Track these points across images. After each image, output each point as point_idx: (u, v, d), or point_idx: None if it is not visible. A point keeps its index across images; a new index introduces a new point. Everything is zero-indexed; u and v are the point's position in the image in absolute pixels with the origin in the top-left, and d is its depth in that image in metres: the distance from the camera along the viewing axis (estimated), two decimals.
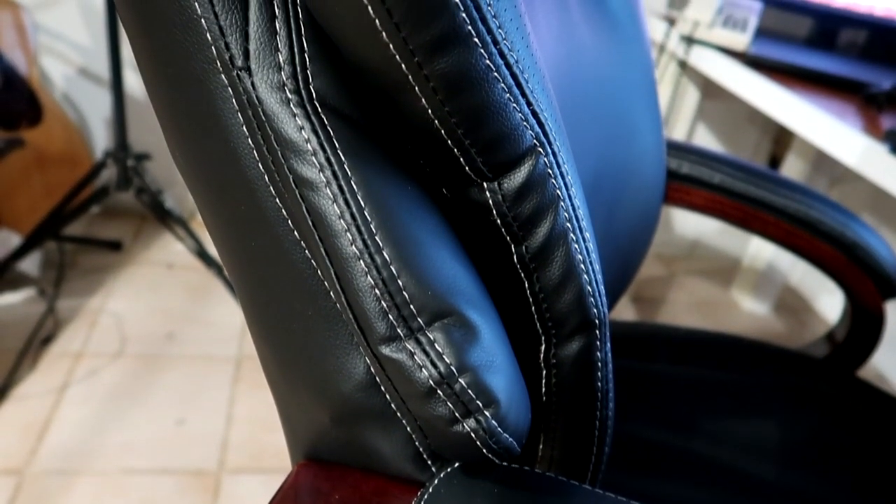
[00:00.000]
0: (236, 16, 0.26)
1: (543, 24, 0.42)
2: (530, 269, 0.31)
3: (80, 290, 1.37)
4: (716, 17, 1.21)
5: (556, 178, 0.30)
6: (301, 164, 0.27)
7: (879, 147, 0.83)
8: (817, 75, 1.10)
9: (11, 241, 1.32)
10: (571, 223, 0.31)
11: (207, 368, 1.23)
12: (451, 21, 0.24)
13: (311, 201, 0.27)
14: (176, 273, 1.47)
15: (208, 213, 0.31)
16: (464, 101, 0.26)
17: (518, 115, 0.28)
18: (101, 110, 1.52)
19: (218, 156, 0.29)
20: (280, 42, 0.26)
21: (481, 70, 0.26)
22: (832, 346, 0.74)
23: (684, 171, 0.71)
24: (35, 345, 1.21)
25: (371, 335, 0.28)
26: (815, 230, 0.69)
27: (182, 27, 0.26)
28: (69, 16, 1.41)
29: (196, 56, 0.27)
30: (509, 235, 0.31)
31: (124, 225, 1.60)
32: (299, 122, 0.26)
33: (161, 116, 0.31)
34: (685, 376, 0.69)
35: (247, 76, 0.26)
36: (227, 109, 0.27)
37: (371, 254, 0.27)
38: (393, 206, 0.27)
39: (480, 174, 0.29)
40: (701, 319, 1.64)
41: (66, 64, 1.45)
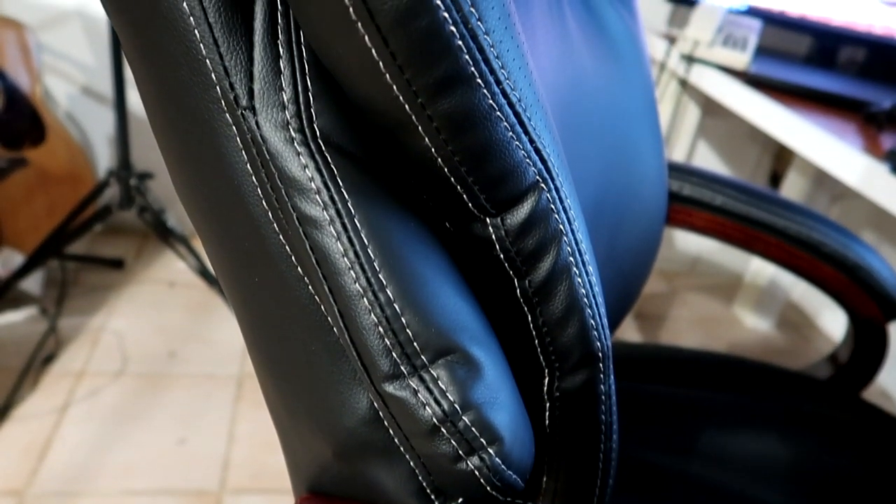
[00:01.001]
0: (241, 56, 0.26)
1: (545, 52, 0.43)
2: (533, 303, 0.31)
3: (82, 309, 1.37)
4: (716, 36, 1.21)
5: (559, 213, 0.30)
6: (305, 202, 0.27)
7: (880, 167, 0.83)
8: (817, 94, 1.10)
9: (14, 260, 1.33)
10: (574, 257, 0.31)
11: (209, 387, 1.22)
12: (455, 63, 0.24)
13: (315, 239, 0.27)
14: (178, 291, 1.47)
15: (211, 247, 0.31)
16: (467, 140, 0.26)
17: (521, 152, 0.28)
18: (104, 129, 1.52)
19: (222, 192, 0.29)
20: (284, 81, 0.27)
21: (484, 110, 0.26)
22: (835, 367, 0.74)
23: (686, 192, 0.71)
24: (36, 364, 1.21)
25: (375, 372, 0.28)
26: (817, 252, 0.69)
27: (187, 67, 0.27)
28: (73, 35, 1.42)
29: (200, 95, 0.27)
30: (512, 270, 0.31)
31: (126, 243, 1.61)
32: (303, 160, 0.27)
33: (164, 150, 0.31)
34: (687, 398, 0.68)
35: (251, 115, 0.27)
36: (232, 148, 0.27)
37: (375, 291, 0.27)
38: (396, 243, 0.27)
39: (483, 210, 0.29)
40: (703, 336, 1.64)
41: (70, 83, 1.46)
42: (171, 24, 0.26)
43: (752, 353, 1.60)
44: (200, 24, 0.25)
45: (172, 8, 0.25)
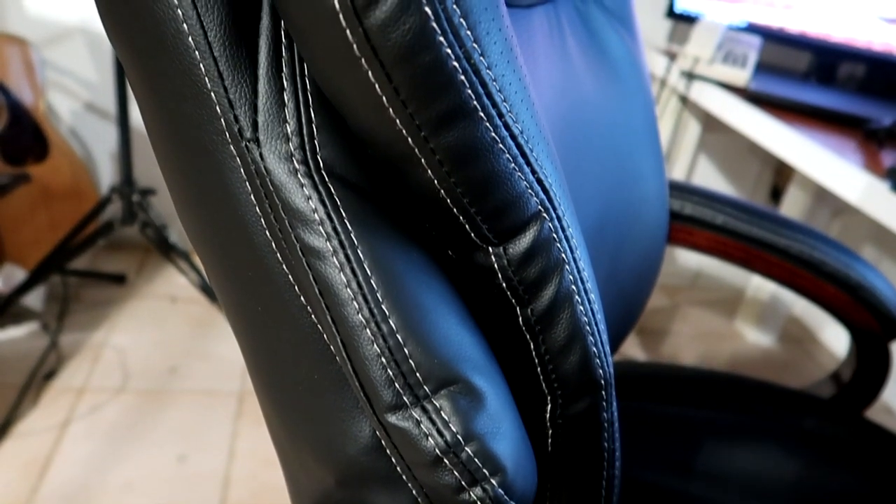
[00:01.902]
0: (245, 89, 0.26)
1: (546, 76, 0.43)
2: (536, 331, 0.31)
3: (84, 324, 1.37)
4: (716, 53, 1.22)
5: (561, 242, 0.30)
6: (308, 233, 0.27)
7: (881, 184, 0.84)
8: (817, 110, 1.11)
9: (16, 276, 1.33)
10: (576, 285, 0.31)
11: (210, 403, 1.22)
12: (458, 98, 0.25)
13: (318, 270, 0.27)
14: (179, 306, 1.47)
15: (214, 274, 0.31)
16: (469, 172, 0.26)
17: (523, 182, 0.28)
18: (107, 144, 1.53)
19: (226, 221, 0.29)
20: (288, 113, 0.27)
21: (487, 142, 0.26)
22: (838, 386, 0.74)
23: (687, 212, 0.71)
24: (37, 380, 1.21)
25: (377, 403, 0.28)
26: (818, 271, 0.69)
27: (192, 99, 0.27)
28: (77, 51, 1.42)
29: (205, 127, 0.27)
30: (515, 298, 0.31)
31: (128, 258, 1.61)
32: (307, 191, 0.27)
33: (168, 178, 0.31)
34: (688, 418, 0.68)
35: (255, 147, 0.27)
36: (236, 179, 0.27)
37: (377, 322, 0.27)
38: (399, 273, 0.27)
39: (486, 240, 0.29)
40: (705, 350, 1.63)
41: (73, 99, 1.47)
42: (177, 57, 0.26)
43: (754, 368, 1.60)
44: (206, 58, 0.26)
45: (177, 41, 0.26)
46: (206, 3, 0.25)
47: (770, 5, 1.32)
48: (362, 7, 0.22)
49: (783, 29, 1.33)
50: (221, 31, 0.26)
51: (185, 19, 0.25)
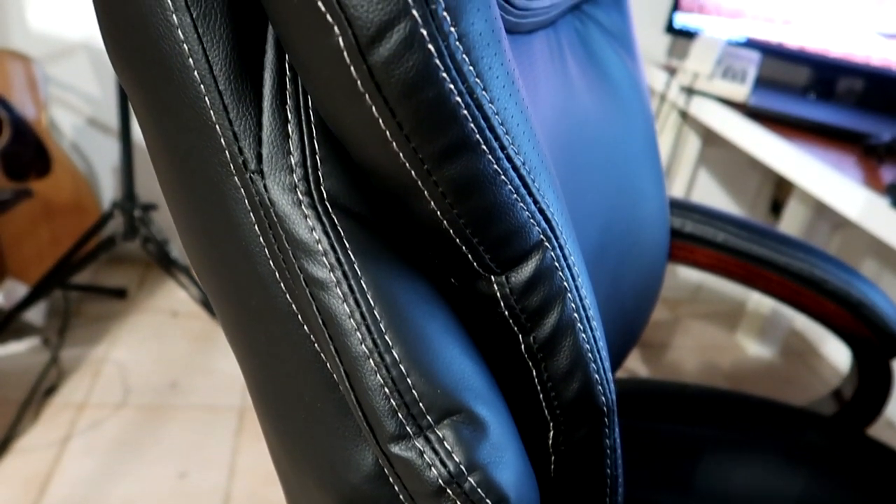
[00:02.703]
0: (250, 121, 0.27)
1: (547, 99, 0.43)
2: (538, 358, 0.31)
3: (85, 339, 1.37)
4: (715, 69, 1.23)
5: (563, 270, 0.30)
6: (312, 264, 0.27)
7: (880, 200, 0.84)
8: (817, 126, 1.11)
9: (17, 291, 1.33)
10: (578, 313, 0.31)
11: (210, 419, 1.22)
12: (460, 132, 0.25)
13: (322, 300, 0.27)
14: (180, 321, 1.47)
15: (218, 302, 0.32)
16: (472, 203, 0.27)
17: (525, 213, 0.28)
18: (109, 159, 1.54)
19: (229, 251, 0.29)
20: (292, 145, 0.27)
21: (489, 174, 0.26)
22: (840, 403, 0.74)
23: (688, 229, 0.72)
24: (38, 396, 1.21)
25: (380, 433, 0.28)
26: (819, 288, 0.69)
27: (196, 131, 0.27)
28: (79, 67, 1.43)
29: (209, 159, 0.27)
30: (517, 326, 0.31)
31: (129, 272, 1.61)
32: (310, 222, 0.27)
33: (171, 206, 0.31)
34: (691, 436, 0.68)
35: (259, 179, 0.27)
36: (240, 210, 0.28)
37: (381, 353, 0.27)
38: (402, 304, 0.28)
39: (488, 269, 0.29)
40: (706, 364, 1.63)
41: (76, 114, 1.48)
42: (182, 90, 0.26)
43: (756, 382, 1.60)
44: (211, 92, 0.26)
45: (183, 75, 0.26)
46: (212, 38, 0.25)
47: (769, 21, 1.33)
48: (366, 44, 0.23)
49: (782, 44, 1.33)
50: (226, 65, 0.26)
51: (191, 53, 0.25)
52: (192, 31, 0.25)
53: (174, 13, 0.25)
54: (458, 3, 0.23)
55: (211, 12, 0.25)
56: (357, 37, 0.22)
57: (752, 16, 1.34)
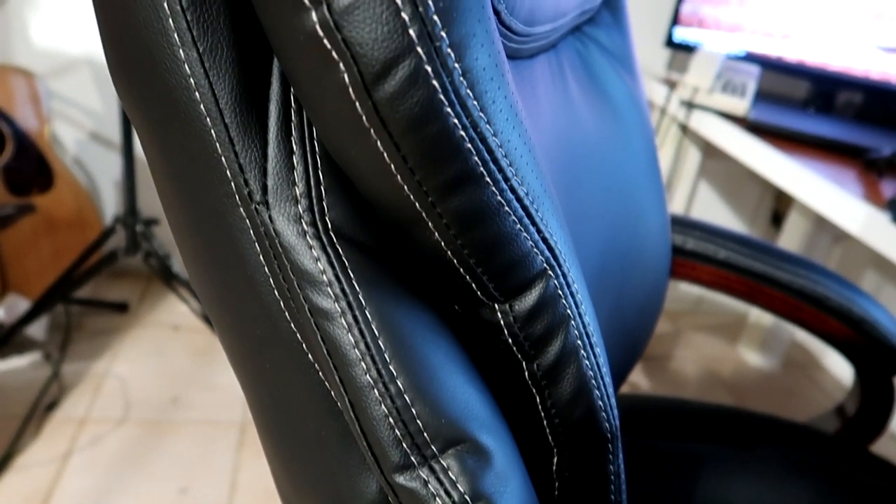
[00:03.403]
0: (255, 153, 0.27)
1: (549, 121, 0.44)
2: (542, 385, 0.32)
3: (86, 354, 1.37)
4: (715, 83, 1.23)
5: (566, 298, 0.30)
6: (316, 294, 0.27)
7: (881, 215, 0.84)
8: (817, 140, 1.11)
9: (19, 306, 1.33)
10: (582, 340, 0.31)
11: (212, 434, 1.22)
12: (465, 165, 0.25)
13: (326, 330, 0.27)
14: (182, 335, 1.47)
15: (222, 330, 0.32)
16: (476, 234, 0.27)
17: (529, 242, 0.28)
18: (111, 173, 1.54)
19: (235, 280, 0.29)
20: (297, 176, 0.27)
21: (493, 206, 0.26)
22: (843, 420, 0.74)
23: (689, 246, 0.72)
24: (39, 411, 1.21)
25: (385, 463, 0.28)
26: (821, 305, 0.69)
27: (202, 163, 0.27)
28: (82, 82, 1.44)
29: (215, 190, 0.27)
30: (521, 354, 0.31)
31: (130, 286, 1.61)
32: (315, 253, 0.27)
33: (176, 235, 0.32)
34: (693, 453, 0.68)
35: (264, 210, 0.27)
36: (245, 240, 0.28)
37: (385, 383, 0.27)
38: (407, 333, 0.28)
39: (492, 297, 0.29)
40: (708, 376, 1.63)
41: (78, 129, 1.48)
42: (188, 123, 0.27)
43: (758, 394, 1.59)
44: (217, 125, 0.26)
45: (189, 108, 0.26)
46: (218, 72, 0.26)
47: (768, 35, 1.34)
48: (371, 81, 0.23)
49: (781, 58, 1.34)
50: (232, 98, 0.26)
51: (198, 87, 0.26)
52: (199, 66, 0.25)
53: (181, 48, 0.25)
54: (462, 39, 0.23)
55: (217, 47, 0.25)
56: (362, 74, 0.23)
57: (751, 30, 1.34)
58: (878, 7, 1.27)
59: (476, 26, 0.24)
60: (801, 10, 1.31)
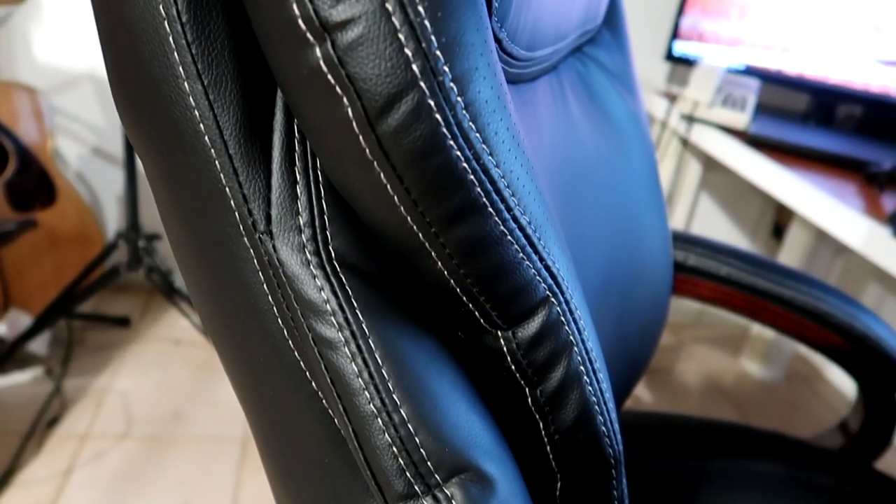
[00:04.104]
0: (259, 183, 0.27)
1: (551, 143, 0.44)
2: (545, 411, 0.32)
3: (88, 369, 1.36)
4: (715, 97, 1.24)
5: (569, 325, 0.31)
6: (320, 323, 0.27)
7: (882, 230, 0.84)
8: (817, 154, 1.12)
9: (21, 321, 1.33)
10: (585, 366, 0.31)
11: (214, 449, 1.21)
12: (468, 196, 0.25)
13: (330, 359, 0.27)
14: (183, 349, 1.47)
15: (226, 357, 0.32)
16: (479, 263, 0.27)
17: (531, 270, 0.28)
18: (114, 188, 1.55)
19: (239, 308, 0.29)
20: (301, 206, 0.27)
21: (496, 236, 0.27)
22: (847, 436, 0.73)
23: (691, 263, 0.72)
24: (41, 427, 1.20)
25: (389, 492, 0.28)
26: (824, 322, 0.69)
27: (207, 193, 0.27)
28: (85, 97, 1.45)
29: (219, 220, 0.28)
30: (524, 380, 0.31)
31: (132, 300, 1.61)
32: (319, 282, 0.27)
33: (181, 263, 0.32)
34: (696, 470, 0.68)
35: (268, 239, 0.27)
36: (249, 269, 0.28)
37: (389, 412, 0.27)
38: (410, 362, 0.28)
39: (495, 325, 0.30)
40: (711, 389, 1.62)
41: (81, 144, 1.49)
42: (193, 154, 0.27)
43: (761, 407, 1.59)
44: (221, 155, 0.26)
45: (194, 140, 0.26)
46: (223, 104, 0.26)
47: (768, 48, 1.34)
48: (375, 115, 0.23)
49: (781, 71, 1.35)
50: (237, 129, 0.26)
51: (202, 119, 0.26)
52: (204, 98, 0.26)
53: (186, 81, 0.25)
54: (464, 73, 0.24)
55: (221, 79, 0.26)
56: (366, 108, 0.23)
57: (750, 43, 1.35)
58: (877, 20, 1.28)
59: (478, 60, 0.24)
60: (801, 23, 1.32)
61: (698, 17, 1.36)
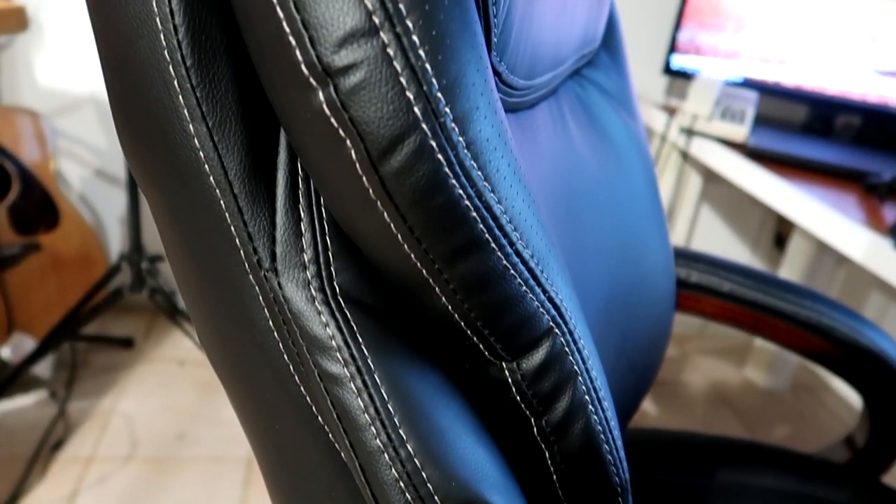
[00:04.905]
0: (264, 221, 0.27)
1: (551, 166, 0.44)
2: (551, 441, 0.32)
3: (92, 391, 1.36)
4: (714, 110, 1.24)
5: (573, 355, 0.31)
6: (326, 359, 0.27)
7: (884, 242, 0.84)
8: (817, 165, 1.12)
9: (25, 345, 1.33)
10: (589, 395, 0.32)
11: (218, 470, 1.21)
12: (471, 233, 0.25)
13: (336, 395, 0.27)
14: (187, 370, 1.46)
15: (233, 392, 0.32)
16: (483, 298, 0.27)
17: (535, 303, 0.29)
18: (117, 209, 1.55)
19: (245, 344, 0.29)
20: (305, 242, 0.28)
21: (499, 270, 0.27)
22: (853, 450, 0.73)
23: (693, 279, 0.72)
24: (45, 451, 1.20)
25: None
26: (827, 336, 0.69)
27: (212, 232, 0.28)
28: (87, 120, 1.46)
29: (225, 258, 0.28)
30: (529, 410, 0.31)
31: (136, 321, 1.61)
32: (324, 318, 0.27)
33: (186, 299, 0.32)
34: (703, 489, 0.67)
35: (274, 277, 0.27)
36: (255, 306, 0.28)
37: (395, 447, 0.27)
38: (416, 396, 0.28)
39: (499, 356, 0.30)
40: (716, 400, 1.62)
41: (83, 166, 1.50)
42: (198, 194, 0.27)
43: (766, 417, 1.58)
44: (226, 196, 0.27)
45: (199, 181, 0.27)
46: (227, 145, 0.26)
47: (765, 60, 1.35)
48: (378, 157, 0.23)
49: (779, 83, 1.35)
50: (241, 170, 0.27)
51: (207, 160, 0.26)
52: (208, 140, 0.26)
53: (191, 123, 0.26)
54: (465, 113, 0.24)
55: (226, 121, 0.26)
56: (369, 150, 0.23)
57: (748, 56, 1.36)
58: (873, 31, 1.29)
59: (479, 99, 0.25)
60: (797, 35, 1.33)
61: (695, 30, 1.37)
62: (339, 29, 0.22)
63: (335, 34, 0.22)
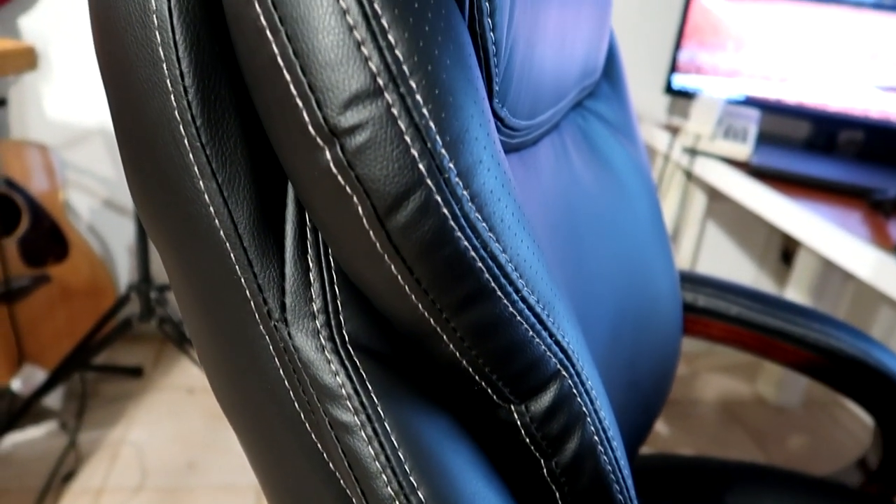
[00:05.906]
0: (273, 273, 0.28)
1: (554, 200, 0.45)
2: (561, 482, 0.32)
3: (102, 421, 1.37)
4: (716, 129, 1.25)
5: (581, 396, 0.31)
6: (336, 408, 0.28)
7: (890, 259, 0.84)
8: (820, 182, 1.12)
9: (35, 377, 1.34)
10: (598, 435, 0.32)
11: (228, 499, 1.21)
12: (477, 282, 0.26)
13: (347, 443, 0.28)
14: (196, 398, 1.47)
15: (244, 438, 0.32)
16: (490, 344, 0.27)
17: (542, 347, 0.29)
18: (125, 238, 1.56)
19: (255, 391, 0.30)
20: (314, 292, 0.28)
21: (506, 317, 0.27)
22: (866, 474, 0.73)
23: (700, 303, 0.72)
24: (57, 482, 1.20)
25: None
26: (836, 358, 0.69)
27: (222, 284, 0.28)
28: (95, 151, 1.47)
29: (235, 310, 0.28)
30: (538, 452, 0.31)
31: (144, 350, 1.62)
32: (334, 367, 0.28)
33: (198, 347, 0.32)
34: None
35: (283, 327, 0.28)
36: (265, 356, 0.29)
37: (406, 495, 0.27)
38: (426, 442, 0.28)
39: (508, 400, 0.30)
40: (727, 418, 1.61)
41: (92, 197, 1.51)
42: (208, 248, 0.28)
43: (778, 435, 1.57)
44: (236, 248, 0.27)
45: (209, 235, 0.27)
46: (237, 199, 0.27)
47: (766, 78, 1.36)
48: (384, 213, 0.24)
49: (781, 100, 1.36)
50: (250, 223, 0.27)
51: (217, 215, 0.27)
52: (218, 195, 0.27)
53: (201, 180, 0.26)
54: (469, 167, 0.25)
55: (235, 177, 0.27)
56: (375, 206, 0.24)
57: (748, 74, 1.36)
58: (872, 48, 1.29)
59: (482, 153, 0.25)
60: (798, 52, 1.33)
61: (696, 50, 1.38)
62: (344, 91, 0.23)
63: (341, 96, 0.23)
